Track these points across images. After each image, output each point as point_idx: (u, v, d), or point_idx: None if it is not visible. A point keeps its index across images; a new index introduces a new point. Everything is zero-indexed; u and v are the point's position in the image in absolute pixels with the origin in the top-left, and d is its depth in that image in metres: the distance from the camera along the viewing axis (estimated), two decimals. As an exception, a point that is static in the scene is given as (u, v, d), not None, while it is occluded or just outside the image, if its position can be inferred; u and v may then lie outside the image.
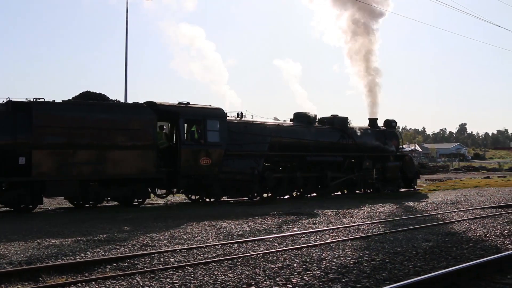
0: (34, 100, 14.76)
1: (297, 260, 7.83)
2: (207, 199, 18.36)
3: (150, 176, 16.20)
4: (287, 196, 20.30)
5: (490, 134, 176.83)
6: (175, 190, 17.86)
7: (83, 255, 8.29)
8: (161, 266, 7.43)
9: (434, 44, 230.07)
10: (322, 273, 7.04)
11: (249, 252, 8.49)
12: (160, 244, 9.31)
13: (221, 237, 10.18)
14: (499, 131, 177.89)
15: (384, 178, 22.82)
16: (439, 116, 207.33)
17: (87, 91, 16.40)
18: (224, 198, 19.05)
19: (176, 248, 8.87)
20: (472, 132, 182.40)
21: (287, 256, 8.15)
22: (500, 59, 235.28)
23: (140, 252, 8.43)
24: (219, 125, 17.70)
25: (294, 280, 6.65)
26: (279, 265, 7.50)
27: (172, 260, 7.93)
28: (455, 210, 15.26)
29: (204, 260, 7.83)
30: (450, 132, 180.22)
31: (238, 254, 8.32)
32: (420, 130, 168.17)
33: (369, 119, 24.63)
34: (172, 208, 16.37)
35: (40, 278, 6.81)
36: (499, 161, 77.48)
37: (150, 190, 17.07)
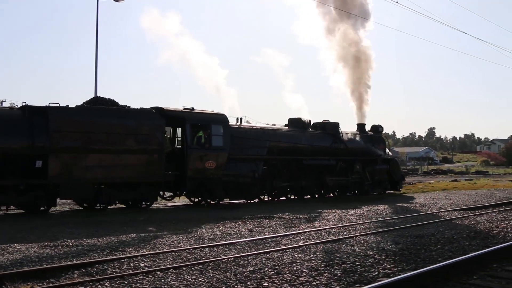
0: (50, 105, 15.13)
1: (269, 264, 7.82)
2: (211, 201, 18.83)
3: (159, 179, 16.76)
4: (282, 198, 21.07)
5: (458, 138, 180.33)
6: (178, 192, 18.44)
7: (50, 261, 8.11)
8: (130, 271, 7.31)
9: (402, 49, 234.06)
10: (293, 276, 7.04)
11: (220, 256, 8.45)
12: (130, 249, 9.18)
13: (192, 241, 10.10)
14: (466, 135, 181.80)
15: (373, 181, 23.84)
16: (408, 120, 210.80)
17: (97, 96, 16.94)
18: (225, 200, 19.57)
19: (146, 252, 8.76)
20: (440, 136, 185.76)
21: (258, 260, 8.14)
22: (467, 65, 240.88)
23: (109, 257, 8.28)
24: (223, 130, 18.36)
25: (266, 284, 6.63)
26: (250, 269, 7.47)
27: (142, 265, 7.82)
28: (424, 212, 15.50)
29: (174, 265, 7.75)
30: (419, 136, 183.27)
31: (209, 258, 8.27)
32: (390, 134, 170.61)
33: (358, 124, 25.63)
34: (141, 212, 16.17)
35: (4, 286, 6.62)
36: (466, 165, 79.17)
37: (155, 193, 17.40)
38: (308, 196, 21.93)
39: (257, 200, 20.10)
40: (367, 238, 10.37)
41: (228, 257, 8.36)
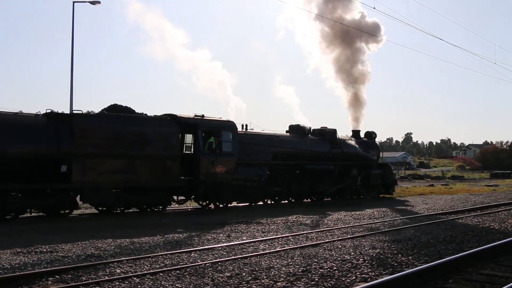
0: (74, 112, 15.96)
1: (246, 269, 7.78)
2: (220, 205, 19.44)
3: (174, 184, 17.46)
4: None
5: (434, 144, 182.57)
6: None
7: (23, 268, 7.93)
8: (106, 278, 7.20)
9: (379, 55, 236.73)
10: (271, 281, 7.02)
11: (198, 262, 8.38)
12: (106, 255, 9.05)
13: (169, 247, 10.01)
14: (442, 140, 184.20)
15: (368, 185, 24.84)
16: (385, 126, 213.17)
17: (115, 104, 17.47)
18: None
19: (123, 258, 8.64)
20: (417, 141, 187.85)
21: (236, 265, 8.10)
22: (444, 71, 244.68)
23: (84, 264, 8.15)
24: (231, 136, 19.20)
25: (243, 289, 6.59)
26: (228, 274, 7.43)
27: (118, 271, 7.71)
28: (401, 217, 15.63)
29: (151, 271, 7.66)
30: (397, 141, 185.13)
31: (186, 264, 8.20)
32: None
33: (353, 131, 26.86)
34: (118, 217, 16.00)
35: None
36: (443, 170, 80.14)
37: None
38: (308, 200, 22.83)
39: (261, 203, 21.07)
40: (345, 243, 10.40)
41: (205, 262, 8.30)
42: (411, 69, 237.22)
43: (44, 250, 9.47)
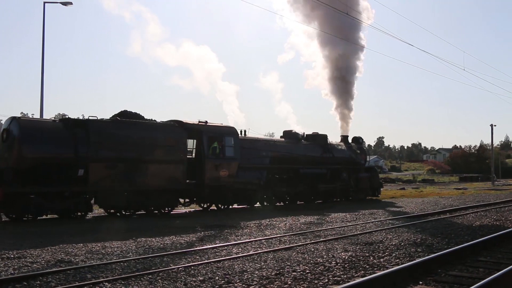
0: (90, 118, 16.50)
1: (219, 273, 7.76)
2: (222, 206, 20.56)
3: (181, 187, 18.18)
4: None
5: (406, 147, 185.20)
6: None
7: (-10, 273, 7.75)
8: (77, 283, 7.08)
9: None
10: (244, 285, 7.02)
11: (170, 266, 8.32)
12: (77, 260, 8.90)
13: (141, 251, 9.91)
14: (413, 144, 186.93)
15: (357, 188, 26.09)
16: (358, 130, 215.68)
17: (124, 110, 18.12)
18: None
19: (94, 263, 8.52)
20: (389, 145, 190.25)
21: (209, 269, 8.07)
22: (415, 76, 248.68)
23: (54, 269, 7.99)
24: (233, 142, 20.17)
25: (216, 293, 6.57)
26: (201, 278, 7.40)
27: (89, 276, 7.59)
28: (372, 220, 15.81)
29: (123, 275, 7.57)
30: (369, 145, 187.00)
31: (158, 268, 8.13)
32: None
33: (341, 136, 28.10)
34: (90, 222, 15.77)
35: None
36: (413, 173, 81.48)
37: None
38: (302, 202, 23.73)
39: (259, 205, 21.91)
40: (317, 246, 10.47)
41: (178, 266, 8.25)
42: (383, 75, 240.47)
43: (12, 256, 9.25)
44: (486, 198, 27.32)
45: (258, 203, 21.87)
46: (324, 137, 25.34)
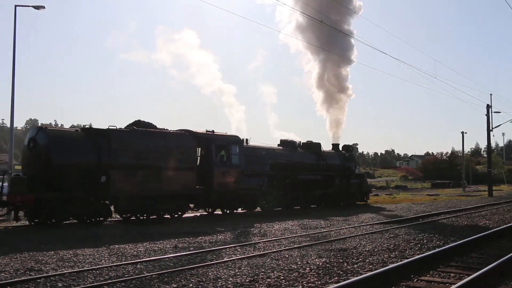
0: (110, 127, 17.42)
1: (193, 280, 7.70)
2: (227, 211, 21.66)
3: (192, 192, 19.22)
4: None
5: (379, 154, 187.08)
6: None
7: (-43, 282, 7.54)
8: (47, 292, 6.95)
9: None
10: (218, 292, 6.97)
11: (144, 273, 8.22)
12: (47, 268, 8.73)
13: (114, 258, 9.78)
14: (387, 151, 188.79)
15: (348, 193, 27.39)
16: (327, 140, 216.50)
17: (138, 119, 19.00)
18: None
19: (65, 271, 8.36)
20: (363, 152, 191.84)
21: (183, 276, 8.00)
22: (388, 84, 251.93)
23: (23, 278, 7.82)
24: (238, 150, 21.41)
25: (189, 301, 6.51)
26: (175, 286, 7.33)
27: (60, 284, 7.44)
28: (346, 226, 15.92)
29: (95, 283, 7.45)
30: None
31: (132, 276, 8.02)
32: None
33: (333, 144, 29.49)
34: (62, 228, 15.49)
35: None
36: (387, 180, 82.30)
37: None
38: (298, 207, 24.72)
39: (260, 209, 23.11)
40: (292, 252, 10.48)
41: (151, 274, 8.16)
42: (356, 82, 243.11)
43: (-20, 264, 9.04)
44: (457, 204, 27.79)
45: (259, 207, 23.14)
46: (318, 145, 26.65)
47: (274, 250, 10.79)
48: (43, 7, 23.18)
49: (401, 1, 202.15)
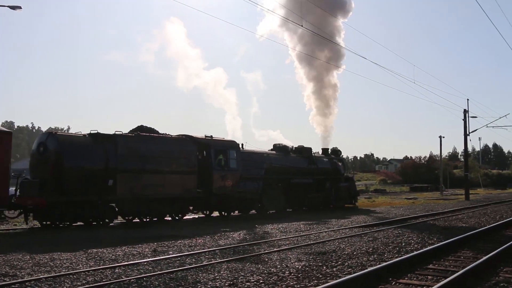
0: (117, 133, 18.11)
1: (172, 284, 7.65)
2: (225, 213, 22.52)
3: (193, 195, 20.07)
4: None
5: (359, 158, 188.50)
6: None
7: None
8: (22, 297, 6.83)
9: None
10: (196, 296, 6.93)
11: (122, 277, 8.14)
12: (23, 273, 8.58)
13: (92, 263, 9.66)
14: (366, 155, 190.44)
15: (337, 196, 28.11)
16: (311, 141, 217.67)
17: (141, 125, 19.83)
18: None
19: (41, 276, 8.23)
20: (342, 155, 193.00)
21: (162, 280, 7.93)
22: (369, 88, 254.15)
23: (-2, 283, 7.69)
24: (236, 154, 22.15)
25: (168, 305, 6.46)
26: (153, 290, 7.26)
27: (35, 289, 7.33)
28: (326, 230, 15.97)
29: (71, 288, 7.35)
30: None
31: (110, 280, 7.94)
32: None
33: (322, 148, 30.51)
34: (38, 232, 15.26)
35: None
36: (366, 183, 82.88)
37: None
38: (290, 210, 25.67)
39: (256, 212, 23.86)
40: (271, 256, 10.48)
41: (130, 278, 8.08)
42: (340, 86, 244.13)
43: (-46, 269, 8.85)
44: (435, 208, 28.12)
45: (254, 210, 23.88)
46: (309, 149, 27.56)
47: (254, 253, 10.77)
48: (19, 7, 22.86)
49: (378, 6, 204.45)
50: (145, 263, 9.57)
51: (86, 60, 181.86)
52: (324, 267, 9.12)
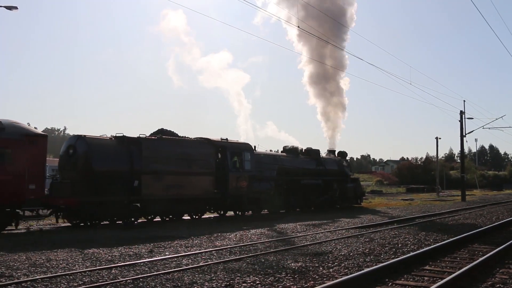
0: (141, 136, 18.98)
1: (168, 285, 7.64)
2: (240, 213, 23.34)
3: (210, 196, 20.91)
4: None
5: (355, 159, 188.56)
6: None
7: None
8: (18, 298, 6.81)
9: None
10: (193, 297, 6.92)
11: (118, 278, 8.13)
12: (19, 274, 8.56)
13: (88, 263, 9.64)
14: (362, 156, 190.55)
15: (344, 197, 29.02)
16: (309, 142, 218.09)
17: (161, 128, 20.73)
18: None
19: (37, 277, 8.21)
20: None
21: (158, 281, 7.93)
22: (365, 90, 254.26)
23: (-7, 283, 7.67)
24: (250, 156, 23.04)
25: (164, 306, 6.45)
26: (149, 291, 7.25)
27: (31, 290, 7.31)
28: (322, 231, 15.98)
29: (68, 289, 7.33)
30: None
31: (106, 281, 7.93)
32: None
33: (329, 150, 31.66)
34: (36, 233, 15.23)
35: None
36: (363, 184, 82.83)
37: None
38: (298, 209, 26.36)
39: (266, 211, 24.50)
40: (268, 257, 10.48)
41: (126, 279, 8.07)
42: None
43: (-51, 269, 8.82)
44: (431, 209, 28.17)
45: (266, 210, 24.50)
46: (317, 151, 28.54)
47: (250, 254, 10.77)
48: (15, 7, 22.80)
49: (374, 7, 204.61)
50: (142, 264, 9.56)
51: (82, 60, 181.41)
52: (321, 268, 9.12)
